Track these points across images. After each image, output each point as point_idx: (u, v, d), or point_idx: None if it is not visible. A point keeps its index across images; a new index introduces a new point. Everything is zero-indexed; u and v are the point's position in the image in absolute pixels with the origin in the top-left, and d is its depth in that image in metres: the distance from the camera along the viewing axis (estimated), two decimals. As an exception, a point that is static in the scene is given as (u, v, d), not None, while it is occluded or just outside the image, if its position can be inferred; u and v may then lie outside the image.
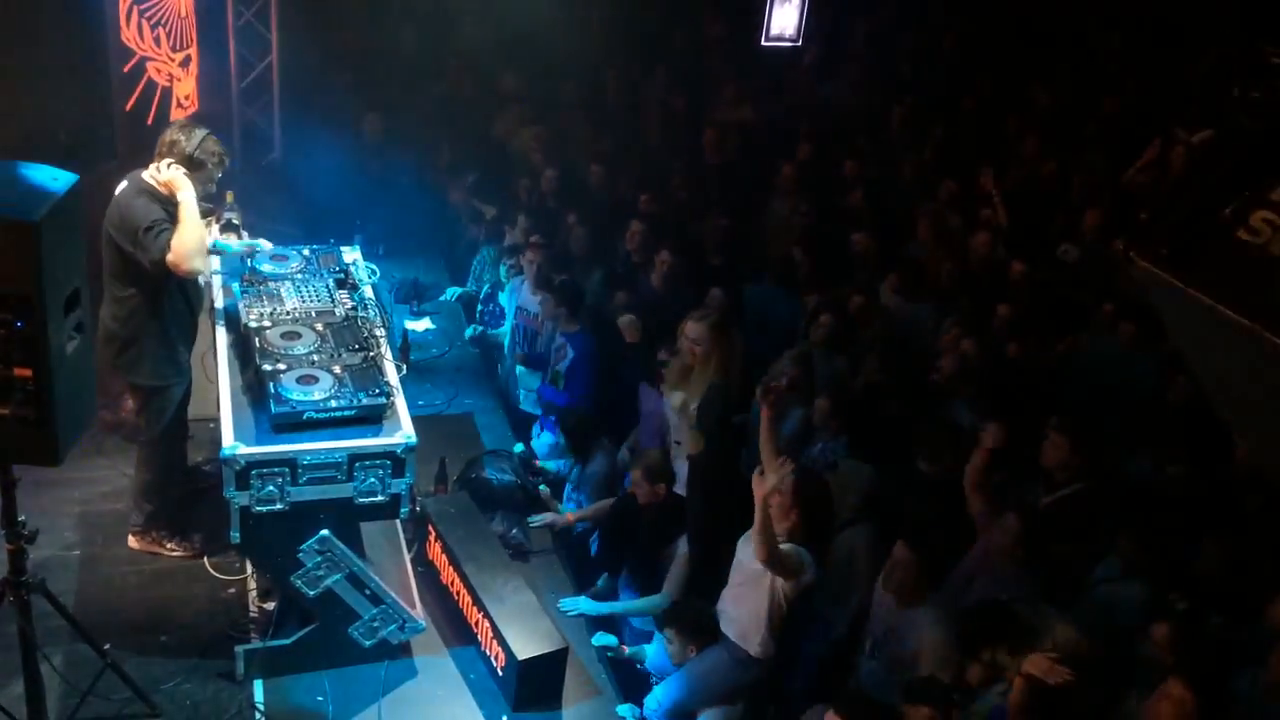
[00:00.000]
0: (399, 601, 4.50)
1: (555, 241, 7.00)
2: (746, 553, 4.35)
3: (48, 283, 2.93)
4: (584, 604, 5.07)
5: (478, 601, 4.66)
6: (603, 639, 4.90)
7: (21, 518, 3.48)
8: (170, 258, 4.37)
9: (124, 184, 4.55)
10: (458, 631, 4.83)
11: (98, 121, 5.67)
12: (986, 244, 6.94)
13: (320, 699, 4.42)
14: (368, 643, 4.50)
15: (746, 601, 4.40)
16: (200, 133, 4.56)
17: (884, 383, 5.81)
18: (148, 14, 6.67)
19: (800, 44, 9.44)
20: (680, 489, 5.14)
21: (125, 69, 6.53)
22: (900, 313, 6.49)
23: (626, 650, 4.91)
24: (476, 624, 4.70)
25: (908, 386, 5.75)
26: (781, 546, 4.21)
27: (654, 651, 4.81)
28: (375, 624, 4.48)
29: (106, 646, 4.14)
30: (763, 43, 9.35)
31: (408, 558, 5.00)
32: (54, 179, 3.03)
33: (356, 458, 4.16)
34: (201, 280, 4.74)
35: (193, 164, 4.51)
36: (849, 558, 4.81)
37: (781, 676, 4.54)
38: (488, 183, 7.92)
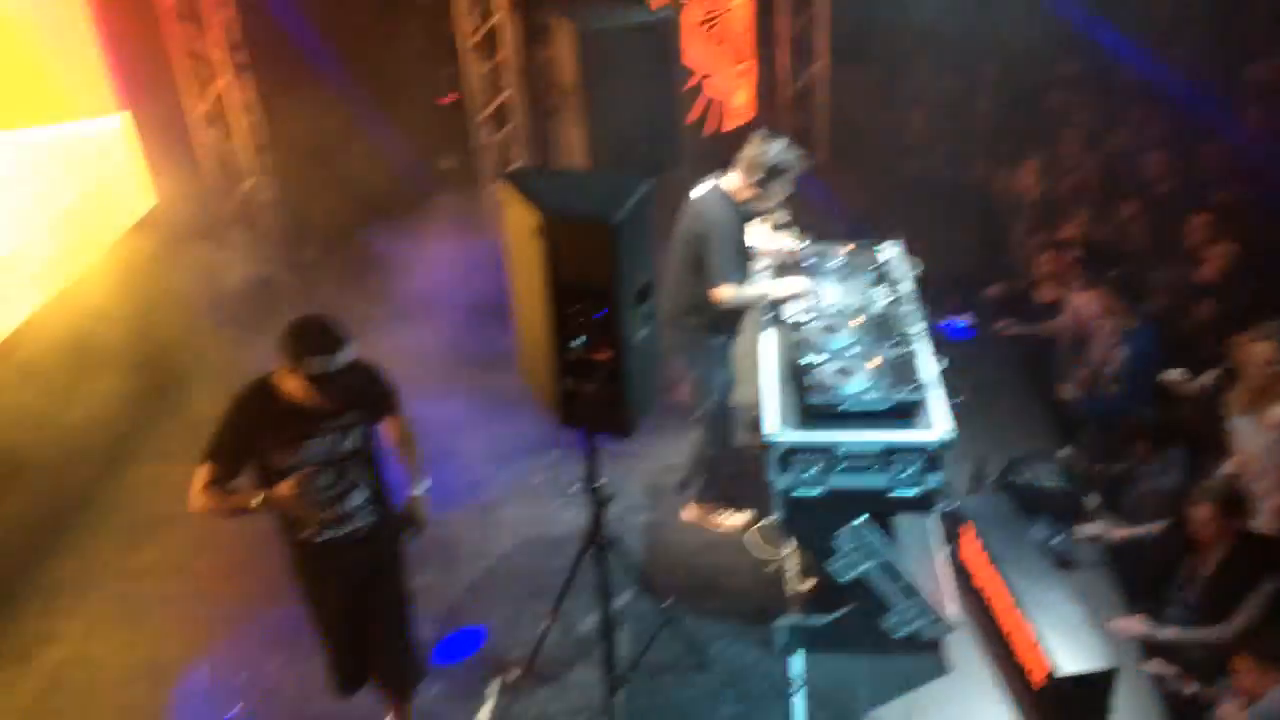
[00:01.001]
0: (930, 598, 4.47)
1: (1107, 233, 6.46)
2: None
3: (624, 277, 3.33)
4: (1139, 626, 4.63)
5: (1016, 608, 4.47)
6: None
7: (601, 481, 3.99)
8: (717, 291, 4.78)
9: (702, 189, 4.94)
10: (990, 637, 4.67)
11: (666, 136, 6.31)
12: None
13: (854, 682, 4.53)
14: (899, 634, 4.52)
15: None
16: (779, 142, 4.84)
17: None
18: (713, 31, 7.29)
19: None
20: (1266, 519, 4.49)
21: (686, 87, 7.19)
22: None
23: (1187, 688, 4.37)
24: (1012, 631, 4.51)
25: None
26: None
27: None
28: (906, 617, 4.48)
29: (667, 603, 4.60)
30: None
31: (941, 556, 4.94)
32: (631, 185, 3.42)
33: (892, 450, 4.19)
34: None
35: (775, 171, 4.81)
36: None
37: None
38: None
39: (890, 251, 5.27)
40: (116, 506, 5.89)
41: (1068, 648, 4.21)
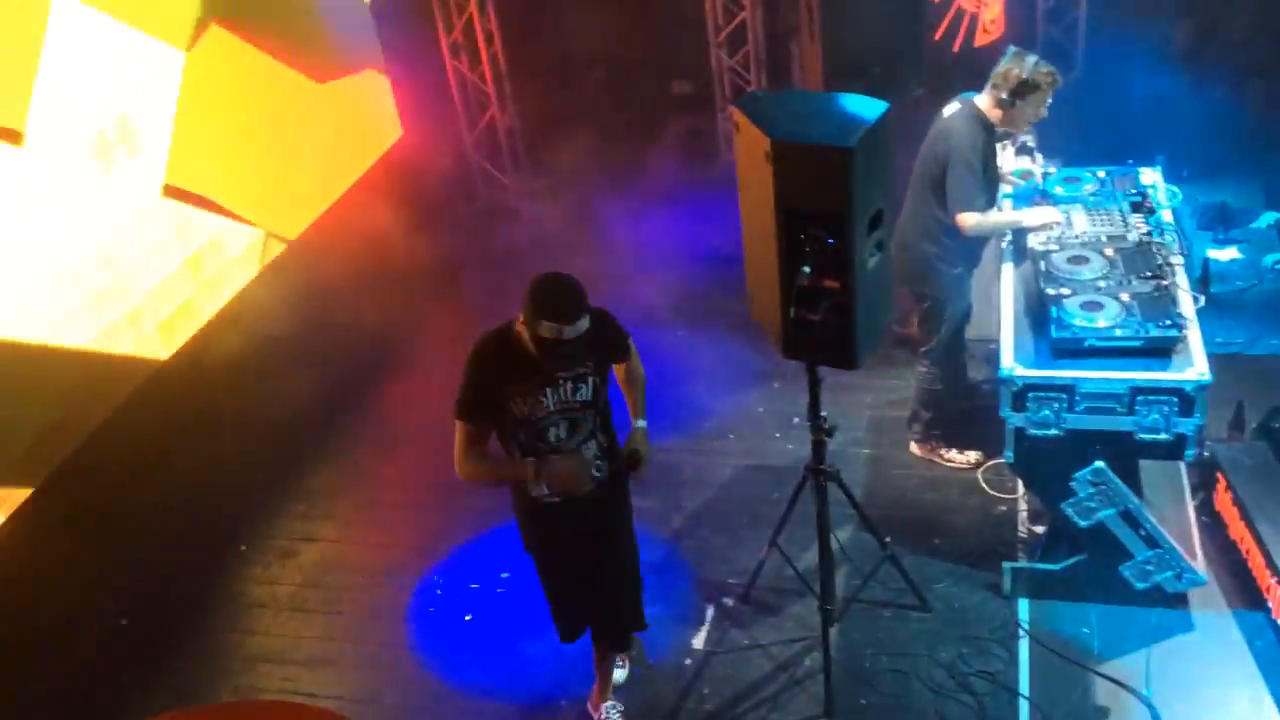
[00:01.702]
0: (1177, 548, 4.19)
1: None
2: None
3: (858, 203, 3.23)
4: None
5: (1272, 565, 4.14)
6: None
7: (824, 413, 3.95)
8: (961, 218, 4.57)
9: (952, 108, 4.72)
10: (1244, 592, 4.35)
11: (908, 52, 6.04)
12: None
13: (1086, 631, 4.34)
14: (1140, 585, 4.27)
15: None
16: (1032, 58, 4.55)
17: None
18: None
19: None
20: None
21: (936, 1, 6.86)
22: None
23: None
24: (1269, 590, 4.18)
25: None
26: None
27: None
28: (1149, 567, 4.24)
29: (887, 539, 4.54)
30: None
31: (1191, 505, 4.62)
32: (868, 107, 3.30)
33: (1139, 391, 3.93)
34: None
35: (1027, 87, 4.54)
36: None
37: None
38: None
39: (1150, 177, 4.88)
40: (370, 419, 6.35)
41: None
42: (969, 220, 4.59)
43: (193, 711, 4.41)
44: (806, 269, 3.28)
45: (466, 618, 4.90)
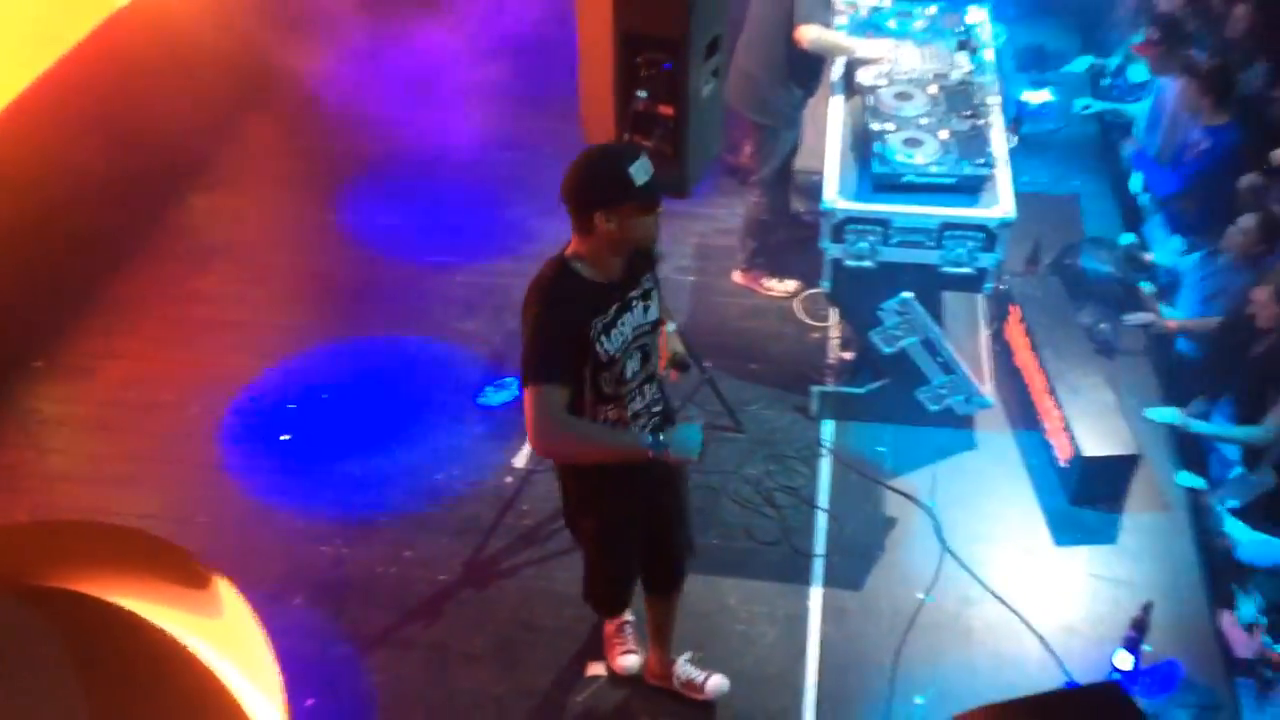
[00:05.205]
0: (969, 374, 4.51)
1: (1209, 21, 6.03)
2: None
3: (695, 28, 3.18)
4: (1172, 415, 4.65)
5: (1051, 390, 4.52)
6: (1188, 479, 4.48)
7: (652, 240, 3.96)
8: (800, 30, 4.55)
9: None
10: (1024, 415, 4.75)
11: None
12: None
13: (881, 450, 4.66)
14: (933, 408, 4.60)
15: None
16: None
17: None
18: None
19: None
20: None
21: None
22: None
23: (1216, 505, 4.41)
24: (1046, 412, 4.58)
25: None
26: None
27: (1249, 542, 4.14)
28: (943, 391, 4.55)
29: (707, 364, 4.69)
30: None
31: (985, 334, 4.95)
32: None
33: (949, 226, 4.12)
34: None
35: None
36: None
37: None
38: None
39: (977, 15, 4.97)
40: (179, 232, 5.99)
41: (1094, 431, 4.29)
42: (809, 33, 4.58)
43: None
44: (642, 94, 3.22)
45: (284, 437, 4.82)
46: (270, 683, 1.66)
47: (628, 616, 3.85)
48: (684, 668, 3.78)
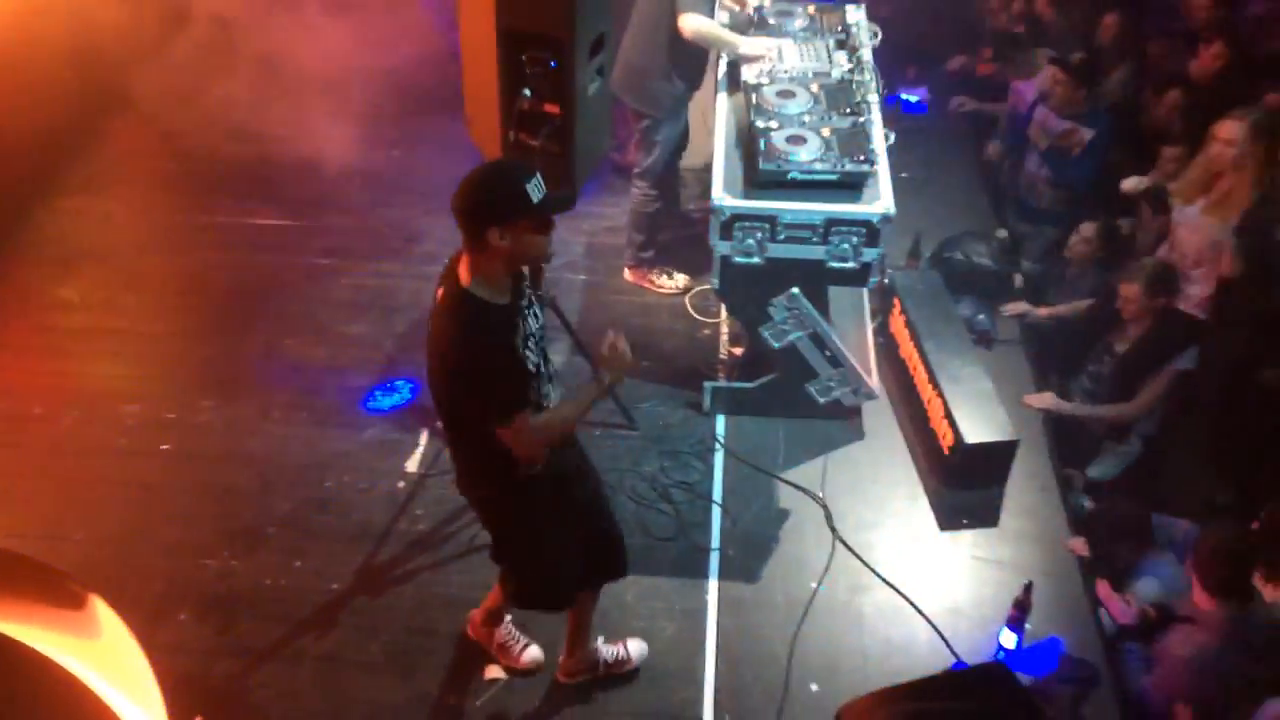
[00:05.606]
0: (856, 367, 4.62)
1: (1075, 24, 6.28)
2: None
3: (580, 26, 3.17)
4: (1047, 401, 4.86)
5: (933, 379, 4.65)
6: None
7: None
8: (683, 20, 4.59)
9: None
10: (909, 405, 4.89)
11: None
12: None
13: (773, 442, 4.73)
14: (822, 400, 4.69)
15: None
16: None
17: None
18: None
19: None
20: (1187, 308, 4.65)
21: None
22: None
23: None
24: (929, 401, 4.72)
25: None
26: None
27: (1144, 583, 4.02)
28: (831, 384, 4.65)
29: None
30: None
31: (870, 327, 5.07)
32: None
33: (833, 222, 4.21)
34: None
35: None
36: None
37: None
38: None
39: (854, 15, 5.08)
40: (44, 236, 5.71)
41: (975, 419, 4.44)
42: (691, 23, 4.62)
43: None
44: (527, 92, 3.21)
45: (163, 447, 4.64)
46: (153, 702, 1.60)
47: (508, 615, 3.83)
48: (604, 650, 3.83)
